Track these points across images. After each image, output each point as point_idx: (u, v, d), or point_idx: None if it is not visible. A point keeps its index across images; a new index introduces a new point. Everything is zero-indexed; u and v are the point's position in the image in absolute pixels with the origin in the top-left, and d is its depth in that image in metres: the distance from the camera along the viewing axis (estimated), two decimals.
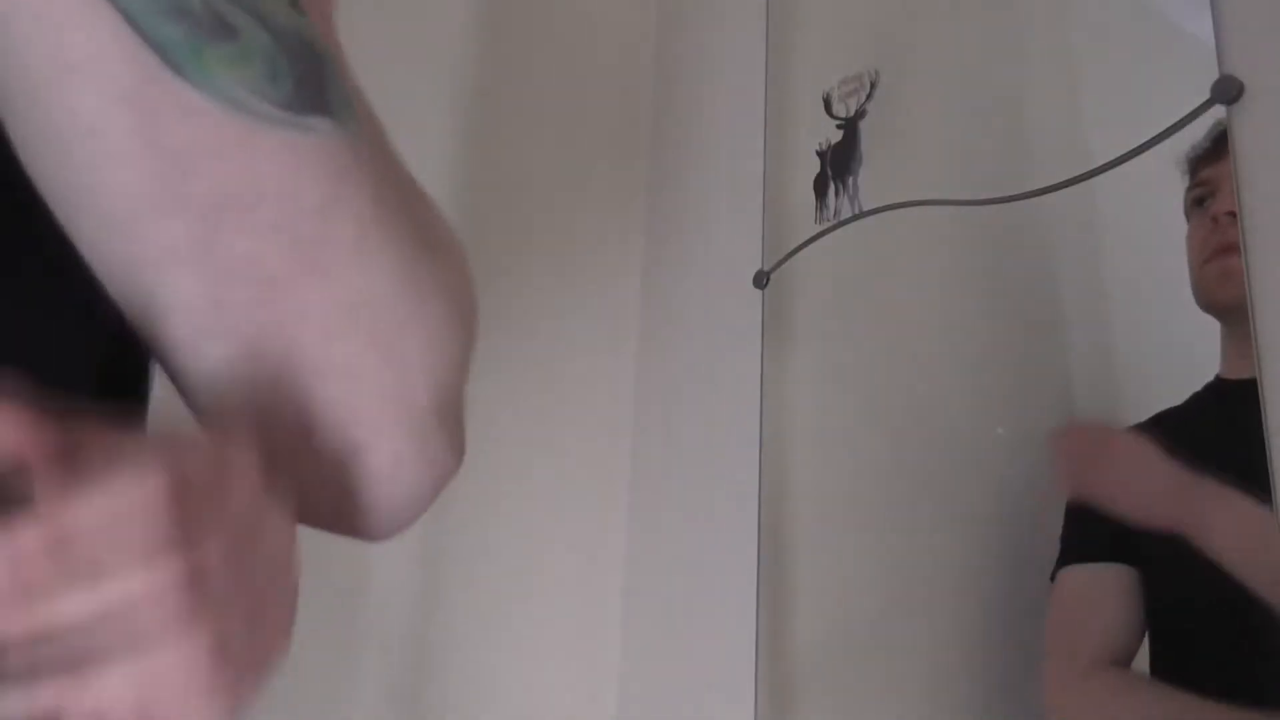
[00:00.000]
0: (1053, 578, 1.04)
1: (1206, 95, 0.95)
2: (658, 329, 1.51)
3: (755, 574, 1.26)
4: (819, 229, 1.31)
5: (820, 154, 1.33)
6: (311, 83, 0.36)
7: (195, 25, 0.33)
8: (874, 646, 1.19)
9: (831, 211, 1.30)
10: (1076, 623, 1.02)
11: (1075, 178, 1.07)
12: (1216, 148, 0.97)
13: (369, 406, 0.39)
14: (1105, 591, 1.00)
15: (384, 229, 0.37)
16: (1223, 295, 0.96)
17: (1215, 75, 0.95)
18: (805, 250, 1.32)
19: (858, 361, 1.29)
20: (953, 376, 1.20)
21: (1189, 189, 1.00)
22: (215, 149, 0.34)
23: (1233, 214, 0.94)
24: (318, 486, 0.39)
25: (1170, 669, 0.96)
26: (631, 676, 1.40)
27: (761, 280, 1.36)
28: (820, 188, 1.32)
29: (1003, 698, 1.08)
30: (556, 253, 1.47)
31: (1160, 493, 0.95)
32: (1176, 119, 0.98)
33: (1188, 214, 1.00)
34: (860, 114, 1.30)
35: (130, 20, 0.32)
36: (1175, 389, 0.99)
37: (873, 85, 1.29)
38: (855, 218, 1.27)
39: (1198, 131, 0.98)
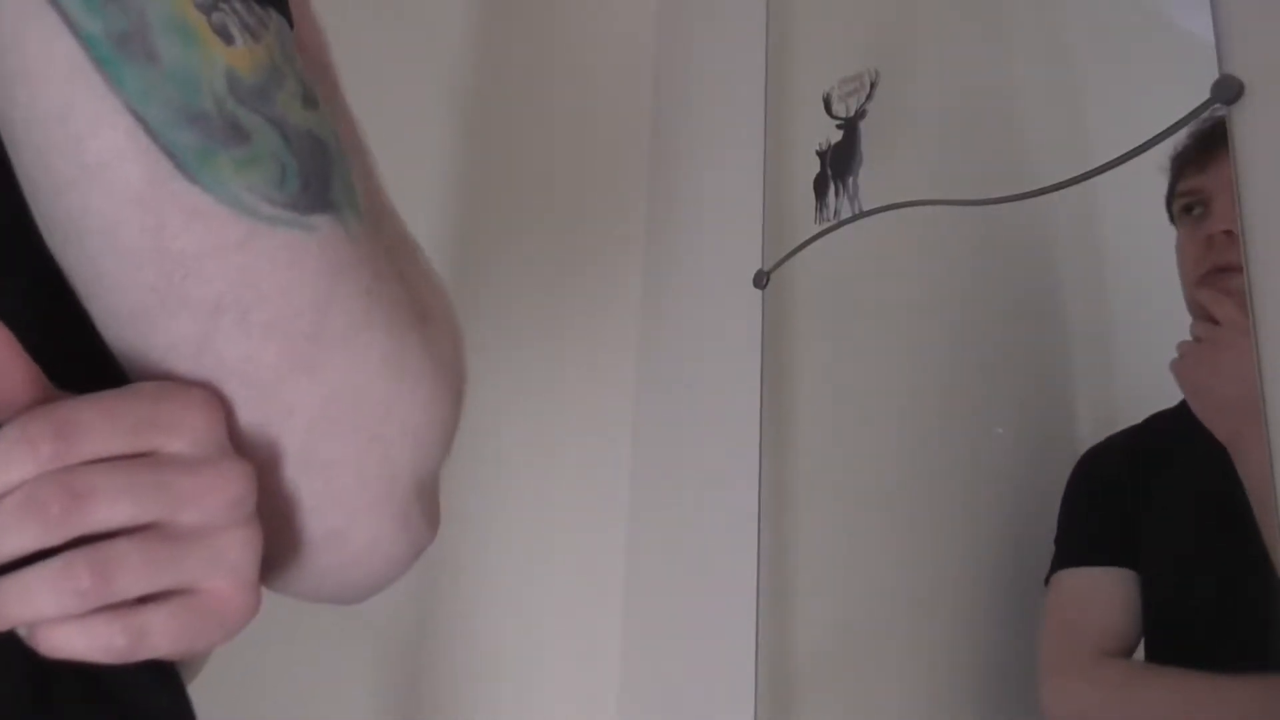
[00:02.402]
0: (1047, 580, 1.04)
1: (1206, 95, 0.95)
2: (658, 329, 1.51)
3: (755, 574, 1.26)
4: (819, 229, 1.31)
5: (820, 154, 1.33)
6: (318, 181, 0.37)
7: (209, 131, 0.35)
8: (874, 647, 1.19)
9: (831, 211, 1.30)
10: (1076, 626, 1.01)
11: (1075, 178, 1.06)
12: (1202, 150, 0.97)
13: (349, 493, 0.40)
14: (1105, 595, 1.00)
15: (375, 318, 0.39)
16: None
17: (1215, 75, 0.95)
18: (805, 250, 1.32)
19: (858, 361, 1.29)
20: (952, 376, 1.20)
21: (1174, 194, 1.00)
22: (218, 251, 0.35)
23: (1228, 233, 0.94)
24: (291, 563, 0.41)
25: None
26: (631, 676, 1.40)
27: (761, 280, 1.36)
28: (820, 188, 1.32)
29: (1004, 697, 1.08)
30: (556, 253, 1.47)
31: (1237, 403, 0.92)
32: (1176, 119, 0.98)
33: (1174, 219, 1.00)
34: (860, 114, 1.30)
35: (146, 127, 0.34)
36: (1174, 389, 0.99)
37: (873, 85, 1.29)
38: (855, 218, 1.27)
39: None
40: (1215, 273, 0.95)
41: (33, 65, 0.34)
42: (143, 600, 0.35)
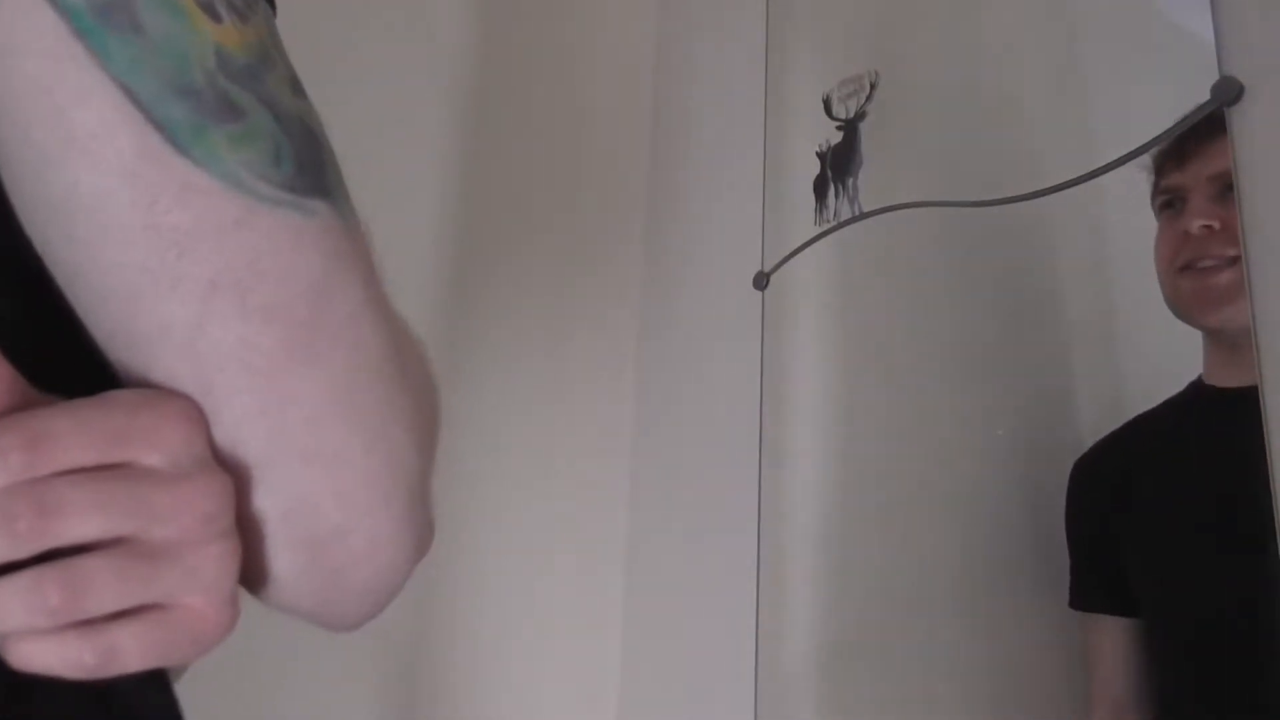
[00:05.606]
0: (1070, 604, 1.04)
1: (1206, 96, 0.95)
2: (658, 330, 1.51)
3: (755, 575, 1.26)
4: (819, 230, 1.31)
5: (820, 155, 1.33)
6: (312, 166, 0.36)
7: (200, 105, 0.34)
8: (873, 648, 1.19)
9: (831, 213, 1.30)
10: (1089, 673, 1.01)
11: (1075, 179, 1.07)
12: (1181, 148, 0.97)
13: (353, 490, 0.38)
14: (1091, 645, 1.00)
15: (373, 313, 0.38)
16: (1202, 319, 0.96)
17: (1215, 76, 0.95)
18: (805, 251, 1.32)
19: (857, 362, 1.29)
20: (952, 378, 1.20)
21: (1156, 191, 1.00)
22: (214, 228, 0.34)
23: (1208, 228, 0.94)
24: (291, 566, 0.39)
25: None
26: (631, 677, 1.40)
27: (761, 281, 1.36)
28: (820, 189, 1.32)
29: (1003, 698, 1.08)
30: (557, 254, 1.47)
31: None
32: (1176, 119, 0.98)
33: (1156, 214, 1.00)
34: (860, 115, 1.30)
35: (135, 99, 0.33)
36: (1174, 389, 0.99)
37: (872, 87, 1.29)
38: (855, 219, 1.27)
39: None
40: (1189, 267, 0.96)
41: (12, 37, 0.33)
42: (116, 615, 0.34)
